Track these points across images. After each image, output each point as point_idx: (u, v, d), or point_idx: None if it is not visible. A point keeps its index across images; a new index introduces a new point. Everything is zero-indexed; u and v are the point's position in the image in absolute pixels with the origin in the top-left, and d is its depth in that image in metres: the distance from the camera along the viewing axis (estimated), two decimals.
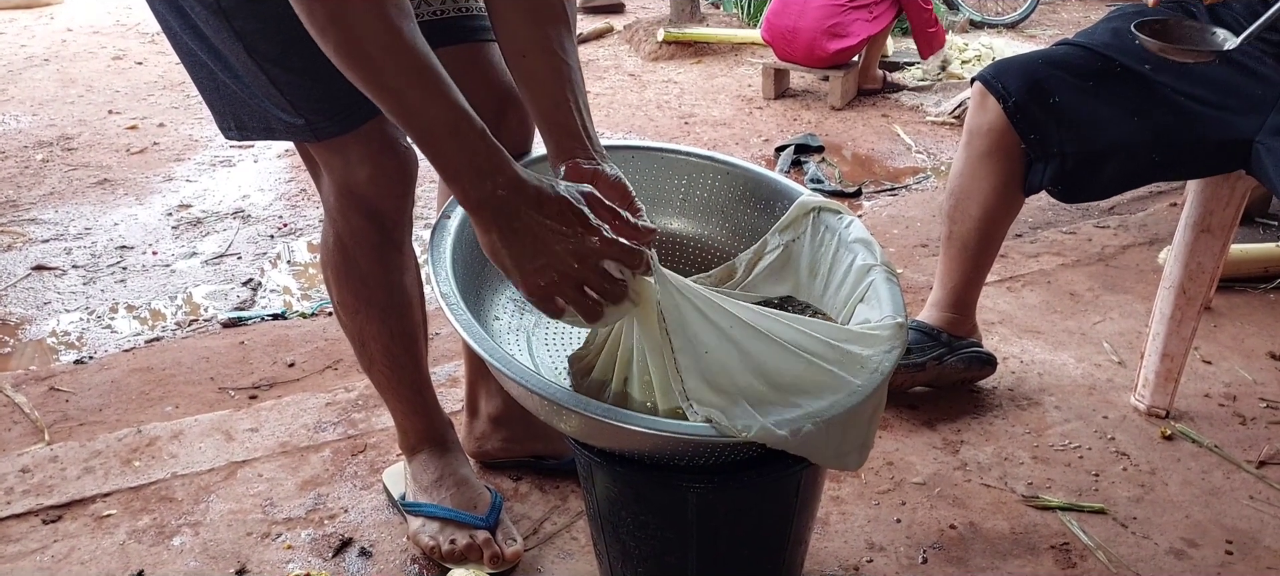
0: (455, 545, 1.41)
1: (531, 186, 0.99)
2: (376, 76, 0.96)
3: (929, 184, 3.55)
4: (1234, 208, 1.69)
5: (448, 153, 0.98)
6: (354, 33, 0.94)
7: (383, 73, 0.96)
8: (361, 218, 1.31)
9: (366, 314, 1.38)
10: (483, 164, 0.98)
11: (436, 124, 0.97)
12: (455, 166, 0.98)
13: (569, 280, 1.00)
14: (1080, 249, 2.60)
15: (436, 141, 0.98)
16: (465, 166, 0.98)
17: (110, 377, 2.11)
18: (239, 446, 1.75)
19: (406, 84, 0.96)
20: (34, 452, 1.74)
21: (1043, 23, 6.42)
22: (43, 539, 1.53)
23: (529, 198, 0.98)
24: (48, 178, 3.58)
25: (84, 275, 2.79)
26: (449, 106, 0.97)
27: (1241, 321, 2.18)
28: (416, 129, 0.98)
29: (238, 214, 3.26)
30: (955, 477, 1.65)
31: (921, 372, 1.83)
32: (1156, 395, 1.81)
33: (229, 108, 1.25)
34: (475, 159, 0.98)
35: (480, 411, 1.61)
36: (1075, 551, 1.48)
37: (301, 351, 2.22)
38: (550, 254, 0.98)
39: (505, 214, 0.98)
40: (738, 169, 1.37)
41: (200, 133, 4.11)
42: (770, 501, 1.18)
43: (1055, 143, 1.63)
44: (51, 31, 6.13)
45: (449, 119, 0.97)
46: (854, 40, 4.30)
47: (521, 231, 0.98)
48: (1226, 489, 1.62)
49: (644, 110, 4.47)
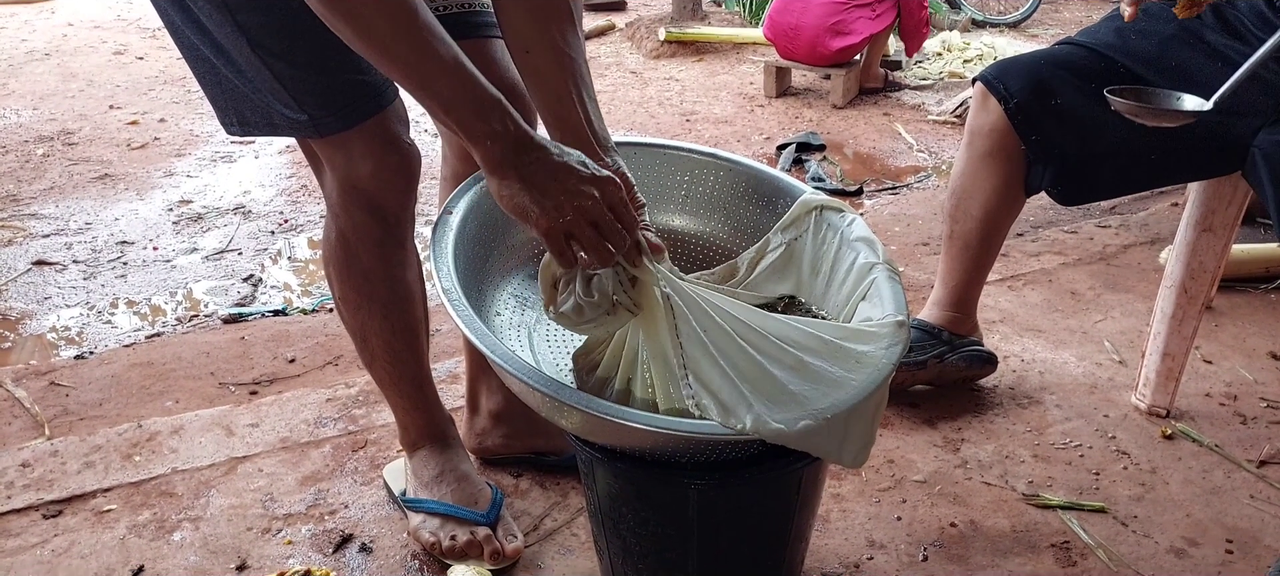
0: (456, 541, 1.41)
1: (539, 136, 1.02)
2: (371, 34, 0.97)
3: (930, 183, 3.55)
4: (1236, 207, 1.69)
5: (457, 104, 0.99)
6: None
7: (380, 32, 0.97)
8: (364, 213, 1.30)
9: (368, 309, 1.38)
10: (489, 107, 0.99)
11: (440, 73, 0.98)
12: (462, 112, 0.99)
13: (585, 215, 1.00)
14: (1082, 248, 2.60)
15: (442, 91, 0.98)
16: (471, 113, 0.99)
17: (111, 372, 2.11)
18: (239, 442, 1.75)
19: (405, 41, 0.97)
20: (34, 447, 1.74)
21: (1044, 22, 6.42)
22: (43, 533, 1.53)
23: (538, 141, 1.01)
24: (48, 172, 3.58)
25: (85, 270, 2.79)
26: (452, 58, 0.98)
27: (1242, 321, 2.18)
28: (417, 80, 0.99)
29: (238, 209, 3.26)
30: (956, 475, 1.65)
31: (923, 371, 1.83)
32: (1157, 394, 1.81)
33: (231, 103, 1.24)
34: (481, 103, 0.99)
35: (481, 407, 1.61)
36: (1076, 550, 1.48)
37: (302, 347, 2.22)
38: (566, 187, 1.00)
39: (520, 150, 1.00)
40: (740, 166, 1.36)
41: (201, 128, 4.11)
42: (771, 498, 1.18)
43: (1056, 145, 1.63)
44: (52, 26, 6.13)
45: (452, 64, 0.98)
46: (856, 38, 4.30)
47: (536, 165, 1.00)
48: (1227, 488, 1.62)
49: (645, 107, 4.47)
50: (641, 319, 1.08)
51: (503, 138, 0.99)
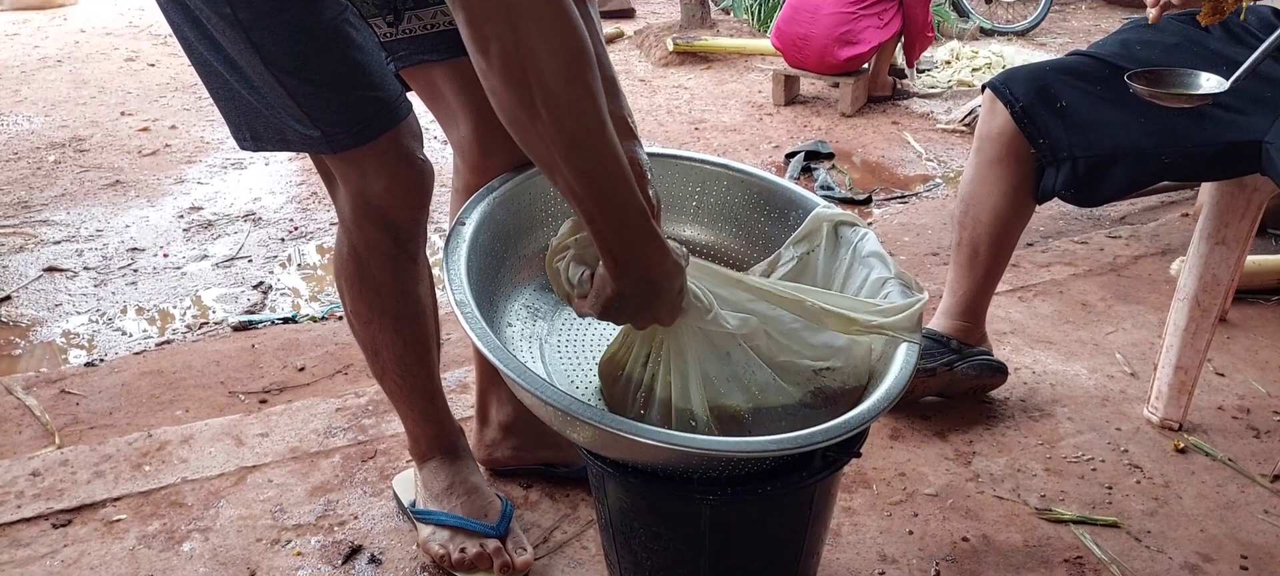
0: (465, 553, 1.41)
1: (670, 280, 1.05)
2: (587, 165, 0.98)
3: (939, 191, 3.54)
4: (1249, 219, 1.68)
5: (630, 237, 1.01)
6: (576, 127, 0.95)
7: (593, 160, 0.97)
8: (376, 229, 1.30)
9: (380, 323, 1.38)
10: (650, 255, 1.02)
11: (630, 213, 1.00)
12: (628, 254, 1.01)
13: (651, 324, 1.09)
14: (1092, 258, 2.59)
15: (624, 227, 1.00)
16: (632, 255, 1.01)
17: (121, 380, 2.11)
18: (249, 451, 1.75)
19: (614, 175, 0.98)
20: (44, 456, 1.75)
21: (1053, 31, 6.40)
22: (53, 543, 1.53)
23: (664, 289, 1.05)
24: (60, 179, 3.59)
25: (95, 277, 2.80)
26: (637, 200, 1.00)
27: (1255, 333, 2.17)
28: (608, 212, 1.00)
29: (249, 216, 3.27)
30: (968, 489, 1.64)
31: (933, 379, 1.82)
32: (1170, 407, 1.79)
33: (244, 118, 1.24)
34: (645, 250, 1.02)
35: (491, 418, 1.61)
36: (1089, 565, 1.47)
37: (312, 355, 2.22)
38: (653, 315, 1.06)
39: (640, 286, 1.03)
40: (752, 177, 1.36)
41: (212, 135, 4.12)
42: (784, 513, 1.18)
43: (1065, 147, 1.63)
44: (64, 33, 6.16)
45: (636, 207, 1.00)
46: (865, 47, 4.29)
47: (646, 298, 1.04)
48: (1241, 503, 1.61)
49: (654, 115, 4.47)
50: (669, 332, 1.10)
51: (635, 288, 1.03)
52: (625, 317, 1.06)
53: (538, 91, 0.91)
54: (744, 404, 1.12)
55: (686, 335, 1.10)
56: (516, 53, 0.90)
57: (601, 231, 0.99)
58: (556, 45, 0.90)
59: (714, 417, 1.10)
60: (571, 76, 0.91)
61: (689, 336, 1.10)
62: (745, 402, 1.12)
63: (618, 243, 0.99)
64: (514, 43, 0.89)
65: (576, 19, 0.92)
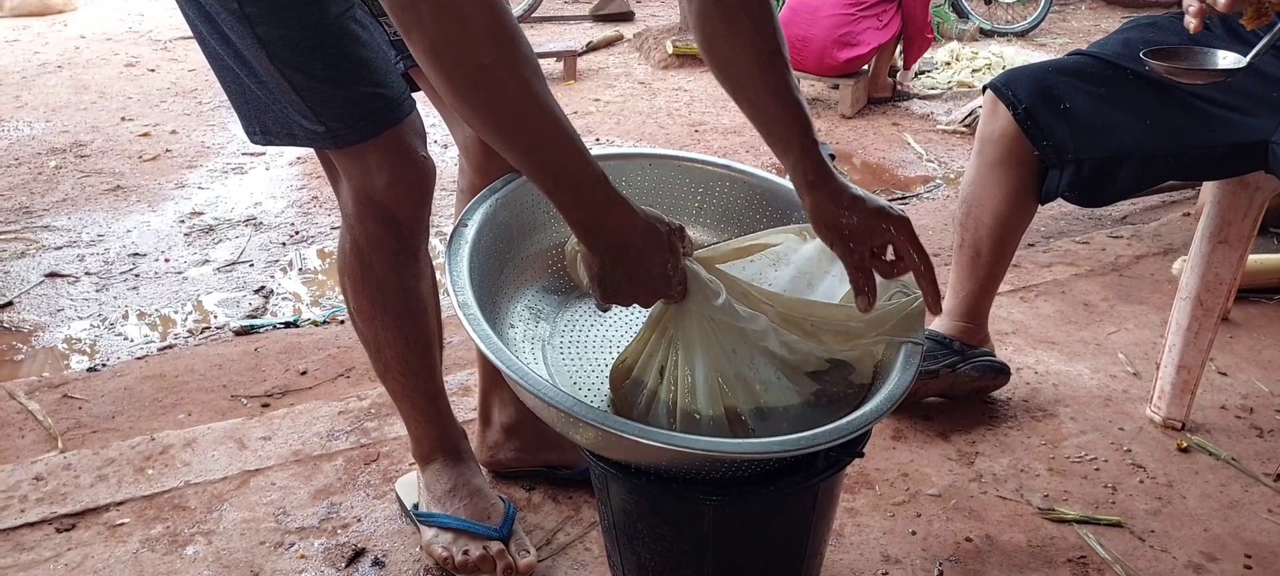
0: (469, 556, 1.41)
1: (643, 238, 1.03)
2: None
3: (940, 193, 3.55)
4: (1252, 218, 1.68)
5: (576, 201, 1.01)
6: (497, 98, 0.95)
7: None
8: (379, 225, 1.31)
9: (382, 321, 1.38)
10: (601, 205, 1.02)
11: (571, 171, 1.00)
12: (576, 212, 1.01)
13: (652, 298, 1.08)
14: (1094, 258, 2.59)
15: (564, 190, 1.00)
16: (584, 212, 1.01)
17: (123, 385, 2.11)
18: (252, 455, 1.75)
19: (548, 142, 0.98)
20: (47, 460, 1.74)
21: (1053, 31, 6.41)
22: (56, 547, 1.53)
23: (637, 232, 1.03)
24: (61, 184, 3.60)
25: (97, 282, 2.80)
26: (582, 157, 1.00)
27: (1258, 332, 2.17)
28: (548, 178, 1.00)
29: (250, 221, 3.27)
30: (971, 489, 1.64)
31: (935, 380, 1.82)
32: (1172, 407, 1.79)
33: (254, 111, 1.26)
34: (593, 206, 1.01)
35: (493, 420, 1.61)
36: (1092, 565, 1.47)
37: (314, 359, 2.22)
38: (646, 283, 1.05)
39: (616, 251, 1.03)
40: (754, 178, 1.36)
41: (213, 140, 4.13)
42: (787, 514, 1.18)
43: (1069, 149, 1.62)
44: (65, 38, 6.16)
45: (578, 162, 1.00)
46: (865, 49, 4.29)
47: (628, 263, 1.03)
48: (1245, 502, 1.61)
49: (654, 118, 4.48)
50: (680, 317, 1.10)
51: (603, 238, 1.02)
52: (622, 293, 1.05)
53: (460, 78, 0.92)
54: (747, 403, 1.12)
55: (694, 326, 1.09)
56: (437, 43, 0.91)
57: (562, 205, 1.00)
58: (474, 30, 0.91)
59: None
60: (495, 60, 0.92)
61: (697, 328, 1.10)
62: (748, 402, 1.11)
63: (578, 212, 1.00)
64: (432, 34, 0.91)
65: (493, 1, 0.93)
